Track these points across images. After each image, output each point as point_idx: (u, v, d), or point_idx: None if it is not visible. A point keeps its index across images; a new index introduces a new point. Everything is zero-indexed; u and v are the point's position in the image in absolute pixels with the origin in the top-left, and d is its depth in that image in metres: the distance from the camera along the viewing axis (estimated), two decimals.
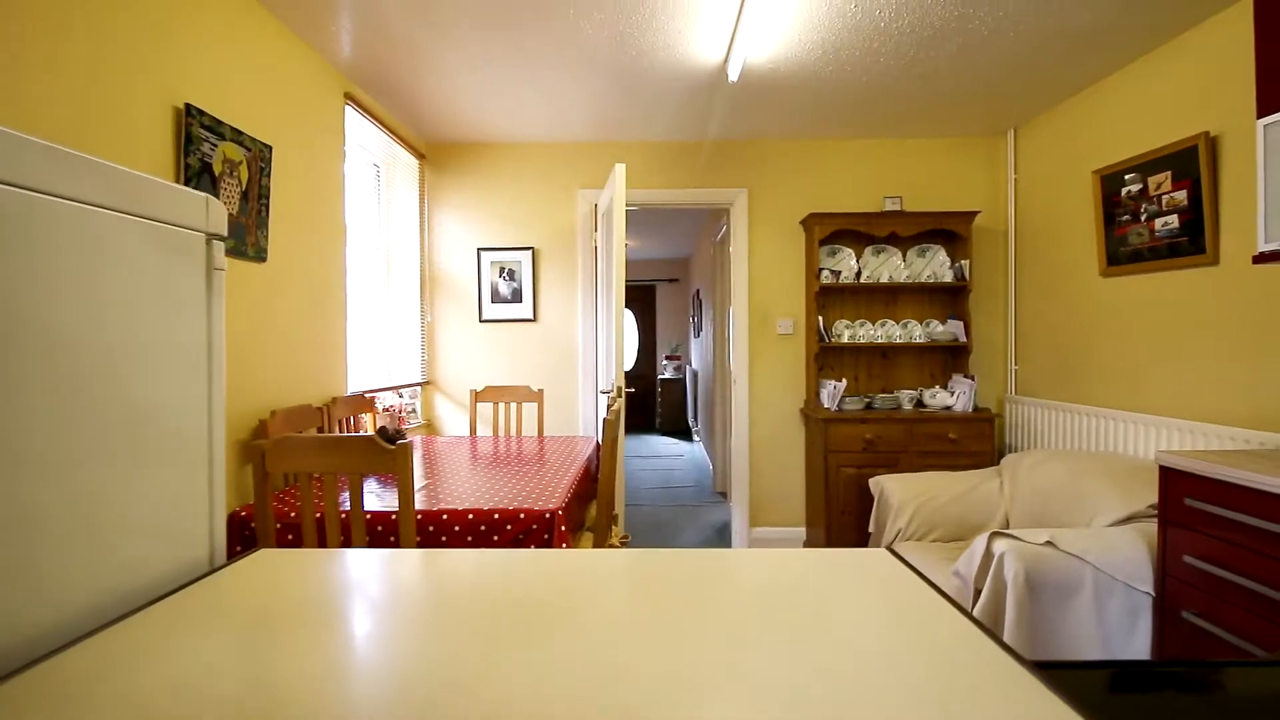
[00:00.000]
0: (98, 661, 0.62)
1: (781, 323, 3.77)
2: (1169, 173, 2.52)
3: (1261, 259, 1.83)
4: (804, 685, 0.58)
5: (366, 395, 2.96)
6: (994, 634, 0.67)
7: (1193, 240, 2.44)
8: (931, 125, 3.52)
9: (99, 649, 0.64)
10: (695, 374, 7.77)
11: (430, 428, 3.81)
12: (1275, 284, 2.12)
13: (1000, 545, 1.90)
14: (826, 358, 3.71)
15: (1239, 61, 2.23)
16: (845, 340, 3.61)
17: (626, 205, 3.23)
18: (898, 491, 2.86)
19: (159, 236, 0.81)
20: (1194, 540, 1.73)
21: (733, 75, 2.63)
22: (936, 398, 3.53)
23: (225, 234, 0.94)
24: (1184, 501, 1.75)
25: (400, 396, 3.49)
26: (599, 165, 3.76)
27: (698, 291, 7.47)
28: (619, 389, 2.89)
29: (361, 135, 3.15)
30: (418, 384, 3.67)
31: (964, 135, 3.69)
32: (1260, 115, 1.83)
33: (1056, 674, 0.59)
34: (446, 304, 3.82)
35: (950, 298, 3.69)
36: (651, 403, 8.79)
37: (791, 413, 3.80)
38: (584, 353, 3.80)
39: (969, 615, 0.72)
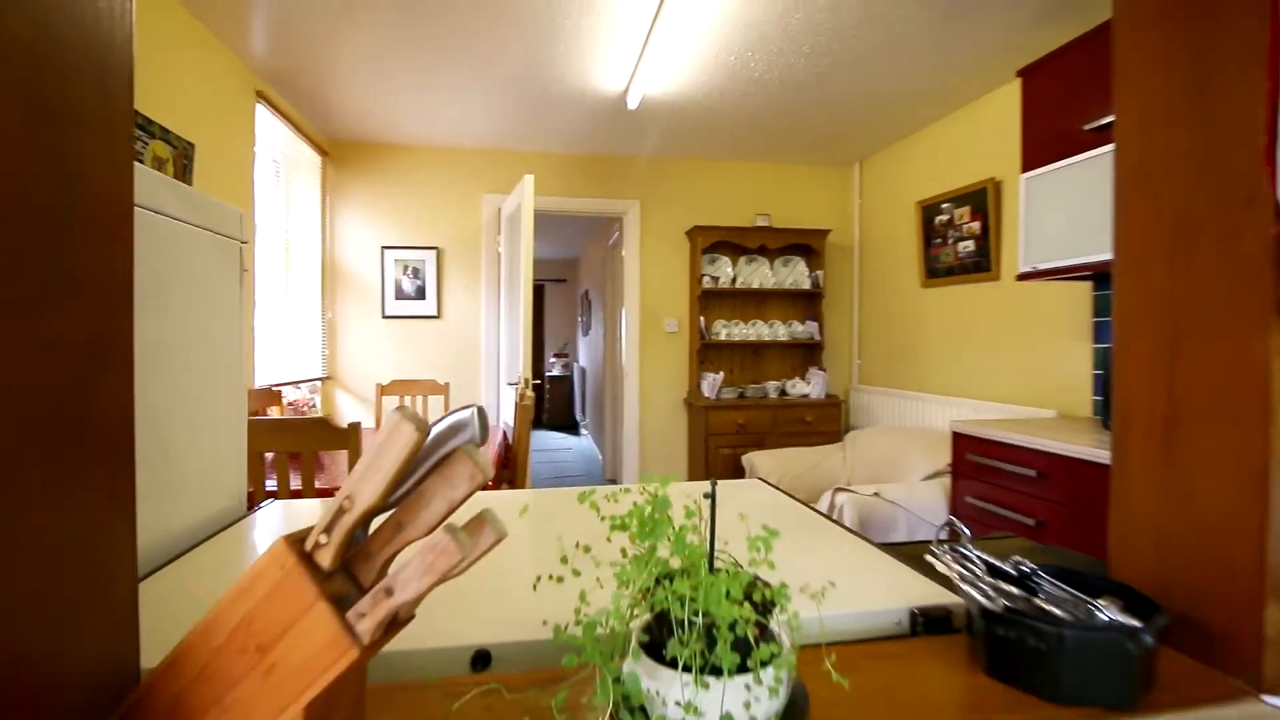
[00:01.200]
0: (196, 570, 0.84)
1: (668, 322, 4.22)
2: (968, 207, 3.23)
3: (1023, 277, 2.49)
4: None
5: (273, 389, 3.00)
6: (846, 526, 1.06)
7: (984, 260, 3.16)
8: (795, 154, 4.12)
9: (194, 560, 0.86)
10: (584, 371, 8.10)
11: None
12: (1033, 295, 2.85)
13: (841, 497, 2.42)
14: (707, 353, 4.20)
15: (1015, 124, 2.95)
16: (723, 338, 4.12)
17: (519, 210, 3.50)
18: (764, 464, 3.38)
19: (218, 245, 1.02)
20: (973, 485, 2.34)
21: (632, 104, 3.01)
22: (796, 387, 4.14)
23: (246, 239, 1.14)
24: (966, 457, 2.36)
25: (300, 390, 3.51)
26: (503, 171, 3.99)
27: (587, 292, 7.81)
28: (526, 380, 3.16)
29: (268, 132, 3.16)
30: (318, 379, 3.69)
31: (821, 165, 4.34)
32: (1024, 171, 2.49)
33: (888, 547, 0.99)
34: (349, 300, 3.87)
35: (807, 302, 4.32)
36: (540, 399, 9.01)
37: (676, 402, 4.25)
38: (487, 348, 4.01)
39: (827, 516, 1.12)
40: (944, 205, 3.41)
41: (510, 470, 2.62)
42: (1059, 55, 2.28)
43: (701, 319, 4.04)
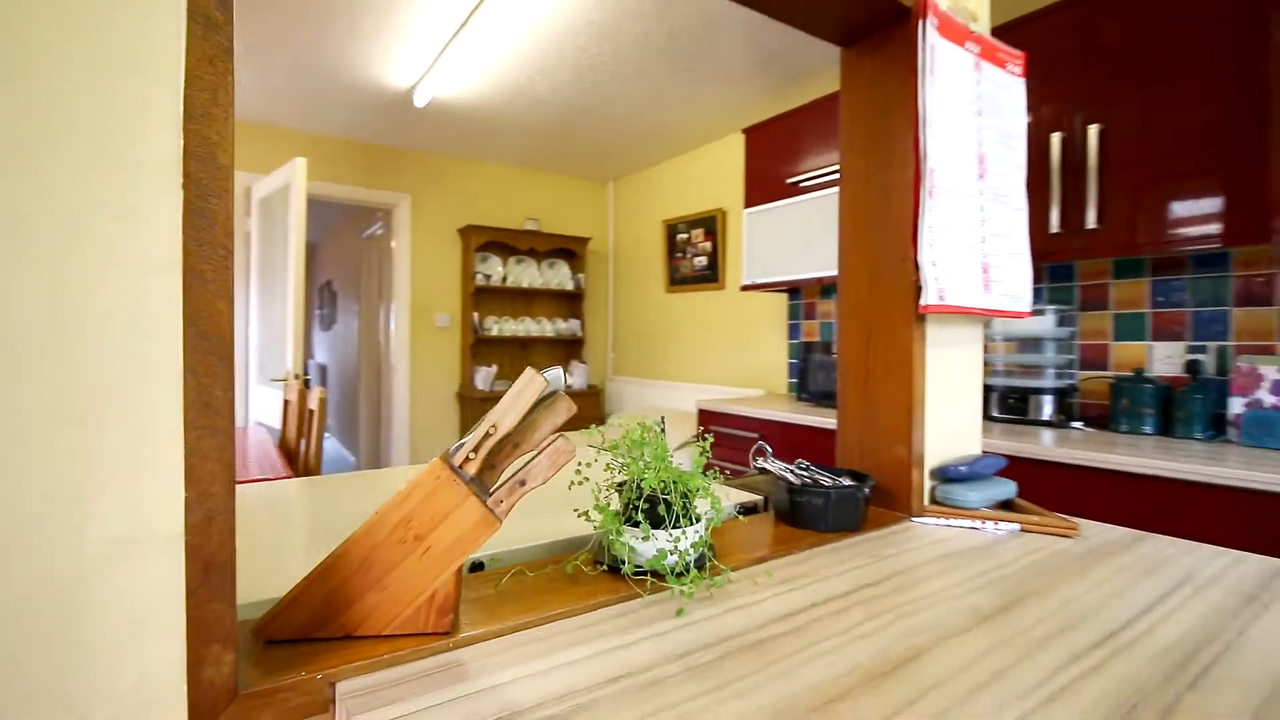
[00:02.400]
0: None
1: (439, 317, 4.26)
2: (702, 229, 3.98)
3: (745, 288, 3.22)
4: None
5: None
6: None
7: (713, 273, 3.93)
8: (563, 166, 4.50)
9: None
10: (324, 368, 7.41)
11: None
12: (749, 302, 3.67)
13: None
14: (480, 348, 4.35)
15: (737, 167, 3.74)
16: (495, 333, 4.32)
17: (288, 193, 3.25)
18: None
19: None
20: (716, 450, 2.98)
21: (419, 102, 3.05)
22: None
23: None
24: (710, 428, 3.00)
25: None
26: (258, 148, 3.60)
27: (330, 282, 7.16)
28: (299, 377, 2.98)
29: None
30: None
31: (584, 179, 4.80)
32: (746, 207, 3.22)
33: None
34: None
35: (570, 302, 4.75)
36: None
37: (449, 396, 4.32)
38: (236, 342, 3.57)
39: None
40: (684, 226, 4.13)
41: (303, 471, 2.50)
42: (773, 122, 3.05)
43: (475, 314, 4.19)
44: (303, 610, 0.60)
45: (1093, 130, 1.92)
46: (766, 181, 3.08)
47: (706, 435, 0.88)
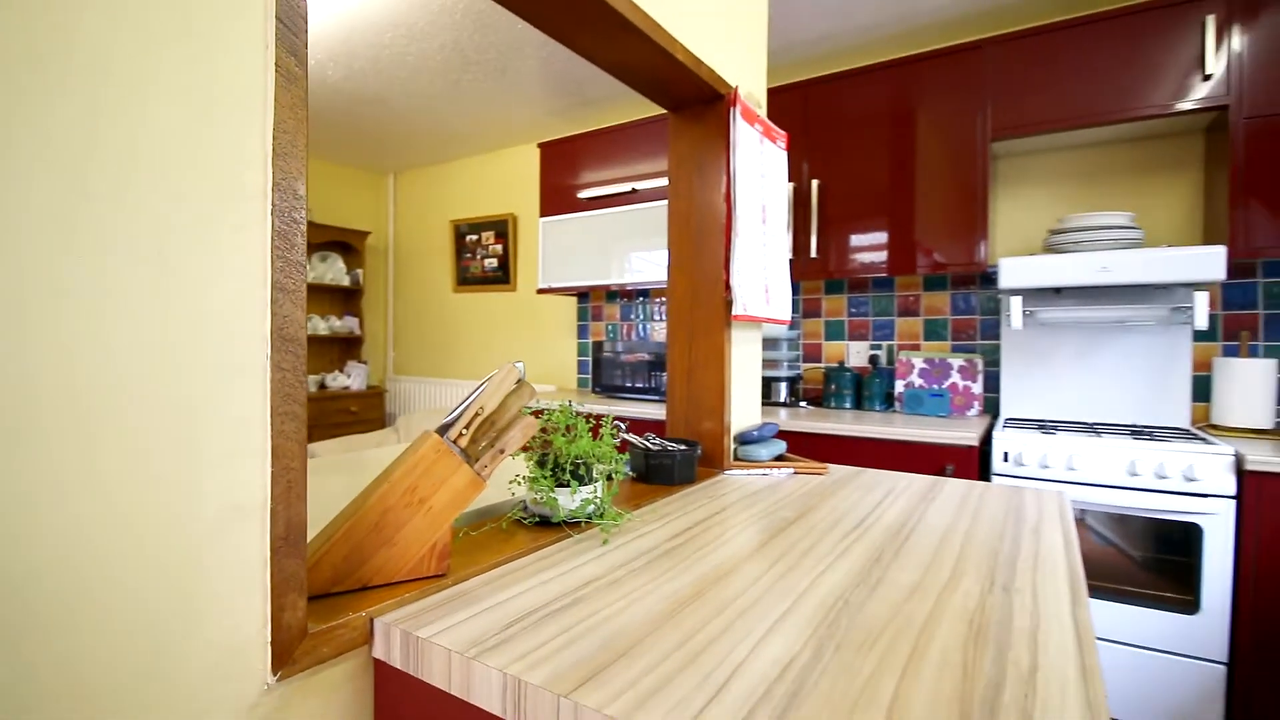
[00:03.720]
0: None
1: None
2: (493, 232, 4.11)
3: (541, 291, 3.46)
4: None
5: None
6: None
7: (505, 275, 4.08)
8: (339, 154, 4.21)
9: None
10: None
11: None
12: (542, 304, 3.91)
13: None
14: None
15: (531, 175, 3.95)
16: None
17: None
18: (327, 451, 3.48)
19: None
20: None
21: None
22: (337, 380, 4.27)
23: None
24: None
25: None
26: None
27: None
28: None
29: None
30: None
31: (362, 169, 4.54)
32: (543, 215, 3.45)
33: None
34: None
35: (346, 298, 4.47)
36: None
37: None
38: None
39: None
40: (474, 227, 4.21)
41: None
42: (567, 141, 3.33)
43: None
44: (327, 570, 0.71)
45: (815, 183, 2.58)
46: (560, 193, 3.36)
47: (619, 424, 1.13)
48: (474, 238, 4.21)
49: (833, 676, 0.57)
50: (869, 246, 2.49)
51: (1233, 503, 1.69)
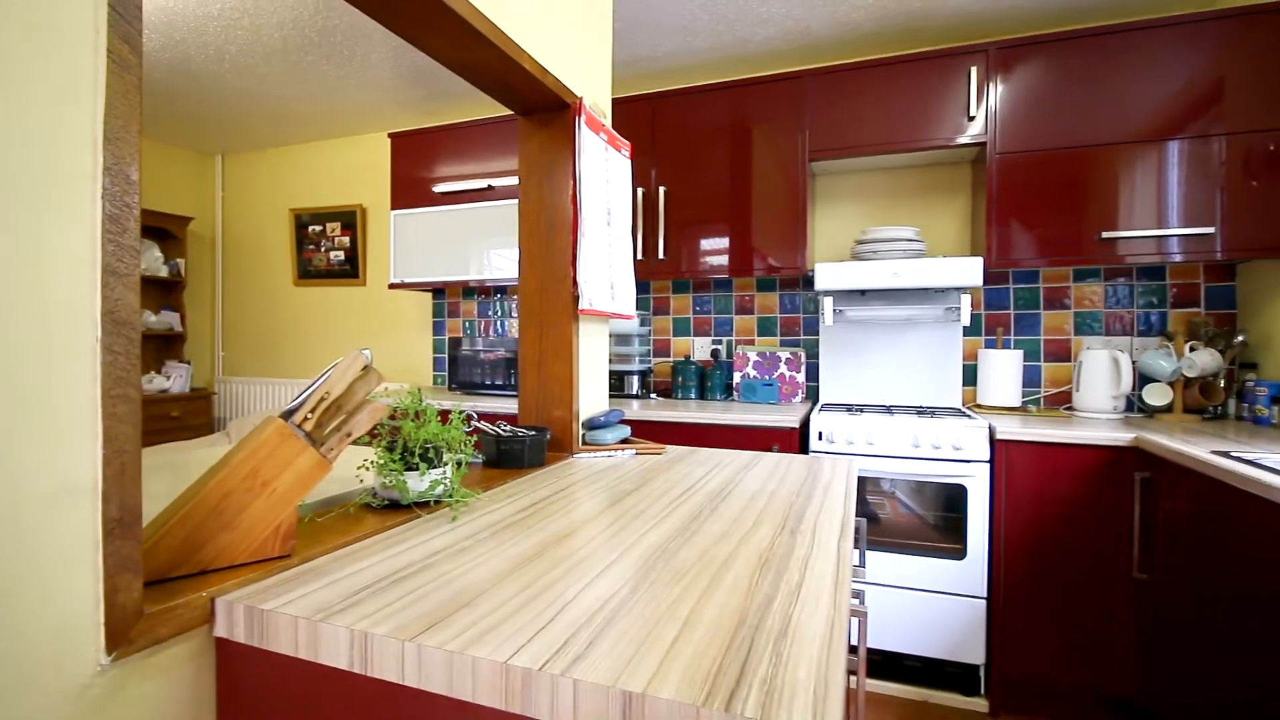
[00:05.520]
0: None
1: None
2: (340, 223, 3.90)
3: (394, 286, 3.36)
4: None
5: None
6: None
7: (353, 269, 3.89)
8: (154, 129, 3.76)
9: None
10: None
11: None
12: (394, 300, 3.78)
13: None
14: None
15: (382, 165, 3.78)
16: None
17: None
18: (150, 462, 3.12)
19: None
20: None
21: None
22: (154, 382, 3.82)
23: None
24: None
25: None
26: None
27: None
28: None
29: None
30: None
31: (180, 147, 4.07)
32: (394, 208, 3.34)
33: None
34: None
35: (165, 291, 4.01)
36: None
37: None
38: None
39: None
40: (318, 217, 3.96)
41: None
42: (420, 134, 3.26)
43: None
44: (164, 554, 0.71)
45: (661, 190, 2.77)
46: (414, 186, 3.28)
47: (472, 417, 1.18)
48: (318, 228, 3.96)
49: (644, 603, 0.69)
50: (712, 250, 2.72)
51: (987, 466, 2.09)
